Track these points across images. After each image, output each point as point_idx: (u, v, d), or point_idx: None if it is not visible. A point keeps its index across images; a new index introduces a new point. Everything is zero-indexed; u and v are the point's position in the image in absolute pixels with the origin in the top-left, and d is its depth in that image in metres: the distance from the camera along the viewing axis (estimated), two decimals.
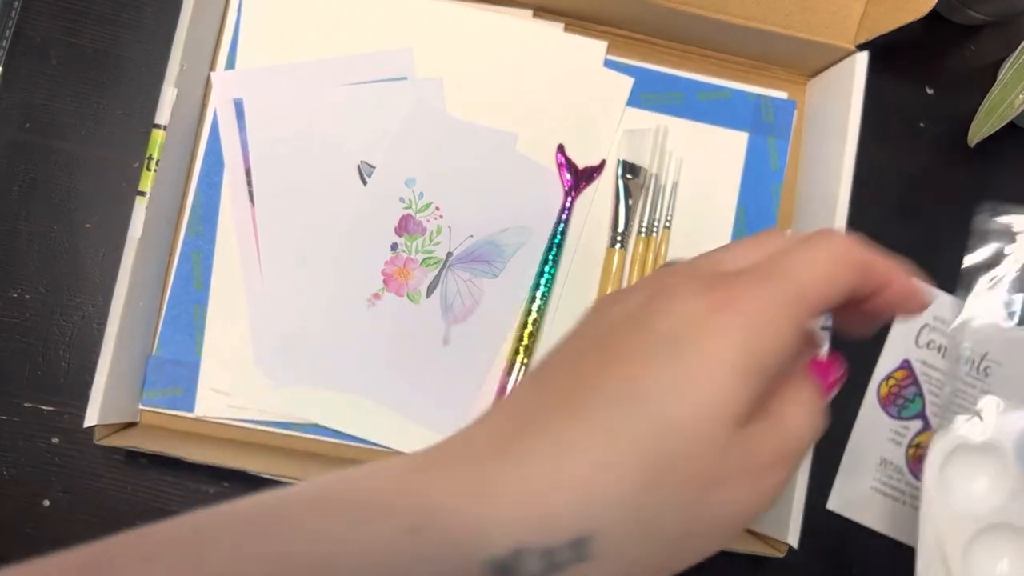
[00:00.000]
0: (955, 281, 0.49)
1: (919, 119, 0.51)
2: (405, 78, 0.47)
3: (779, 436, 0.21)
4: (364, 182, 0.46)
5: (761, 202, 0.48)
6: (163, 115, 0.41)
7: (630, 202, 0.47)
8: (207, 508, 0.19)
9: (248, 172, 0.45)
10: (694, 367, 0.19)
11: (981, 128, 0.47)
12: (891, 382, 0.49)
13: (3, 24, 0.46)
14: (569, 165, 0.47)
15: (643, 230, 0.47)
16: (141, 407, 0.44)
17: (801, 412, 0.22)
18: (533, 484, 0.19)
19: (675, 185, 0.48)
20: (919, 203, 0.51)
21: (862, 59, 0.44)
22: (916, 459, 0.48)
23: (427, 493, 0.19)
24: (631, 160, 0.47)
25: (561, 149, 0.47)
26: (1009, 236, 0.48)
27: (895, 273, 0.22)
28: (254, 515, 0.19)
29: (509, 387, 0.45)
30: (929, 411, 0.49)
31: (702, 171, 0.48)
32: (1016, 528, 0.39)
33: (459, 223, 0.46)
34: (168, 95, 0.41)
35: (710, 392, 0.19)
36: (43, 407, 0.44)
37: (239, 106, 0.46)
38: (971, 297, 0.48)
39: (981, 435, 0.40)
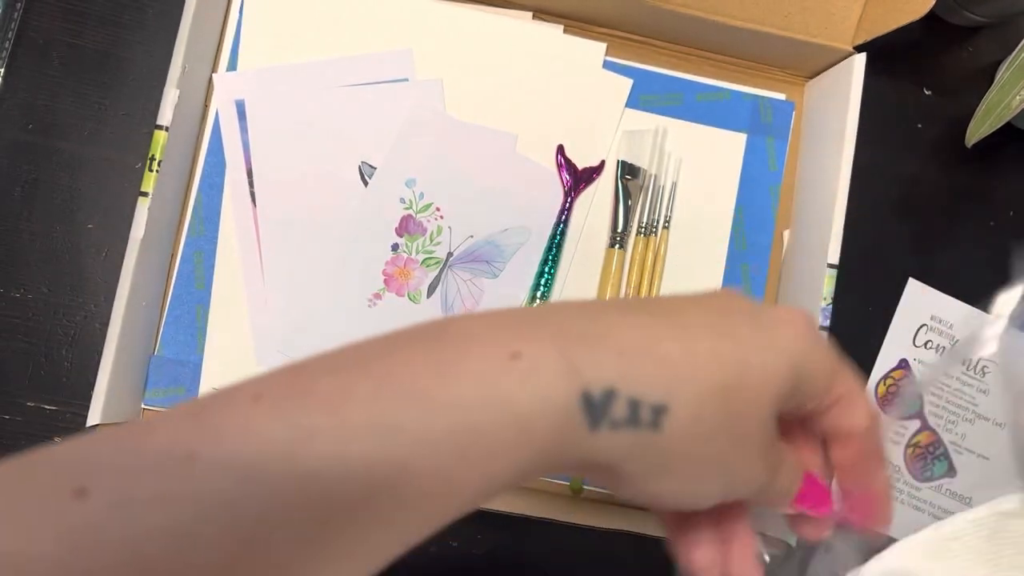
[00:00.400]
0: (953, 281, 0.49)
1: (917, 120, 0.52)
2: (405, 79, 0.47)
3: (781, 460, 0.24)
4: (365, 183, 0.46)
5: (759, 203, 0.49)
6: (165, 116, 0.42)
7: (629, 203, 0.47)
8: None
9: (250, 172, 0.46)
10: (770, 341, 0.23)
11: (979, 129, 0.47)
12: (889, 381, 0.49)
13: (6, 25, 0.46)
14: (569, 166, 0.47)
15: (642, 230, 0.47)
16: (143, 407, 0.44)
17: (788, 477, 0.25)
18: (630, 343, 0.21)
19: (674, 186, 0.48)
20: (917, 204, 0.51)
21: (860, 60, 0.44)
22: (914, 458, 0.48)
23: (527, 332, 0.21)
24: (630, 161, 0.47)
25: (561, 150, 0.47)
26: None
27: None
28: (372, 361, 0.22)
29: None
30: (927, 410, 0.49)
31: (701, 172, 0.48)
32: None
33: (459, 223, 0.46)
34: (170, 96, 0.42)
35: (775, 364, 0.22)
36: (45, 407, 0.44)
37: (241, 107, 0.46)
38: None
39: None
